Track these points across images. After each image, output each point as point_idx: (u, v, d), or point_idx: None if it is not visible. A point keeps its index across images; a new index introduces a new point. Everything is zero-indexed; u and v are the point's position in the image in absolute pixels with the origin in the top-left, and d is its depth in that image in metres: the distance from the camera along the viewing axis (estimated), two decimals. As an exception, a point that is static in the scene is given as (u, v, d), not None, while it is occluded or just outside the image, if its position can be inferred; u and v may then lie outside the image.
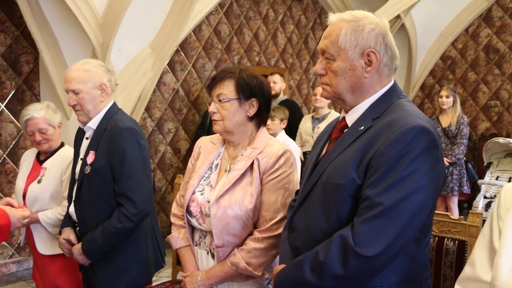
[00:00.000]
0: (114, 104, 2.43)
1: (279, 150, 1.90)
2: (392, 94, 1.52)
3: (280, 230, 1.84)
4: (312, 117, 5.21)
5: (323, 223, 1.46)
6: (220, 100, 1.90)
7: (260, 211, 1.87)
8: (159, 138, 5.96)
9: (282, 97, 5.52)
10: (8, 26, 4.80)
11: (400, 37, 7.56)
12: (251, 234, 1.88)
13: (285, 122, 4.33)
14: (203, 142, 2.12)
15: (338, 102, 1.58)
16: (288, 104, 5.20)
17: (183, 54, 6.11)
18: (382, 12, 6.88)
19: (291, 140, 4.31)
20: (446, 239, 1.90)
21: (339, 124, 1.61)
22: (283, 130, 4.35)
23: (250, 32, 6.94)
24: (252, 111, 1.93)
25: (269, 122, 4.26)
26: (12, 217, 1.58)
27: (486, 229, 1.35)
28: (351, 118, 1.55)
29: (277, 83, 5.43)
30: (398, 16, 7.15)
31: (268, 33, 7.19)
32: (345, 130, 1.56)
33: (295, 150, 4.21)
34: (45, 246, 2.70)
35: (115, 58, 4.48)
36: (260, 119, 1.99)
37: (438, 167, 1.38)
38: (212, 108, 1.92)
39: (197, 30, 6.19)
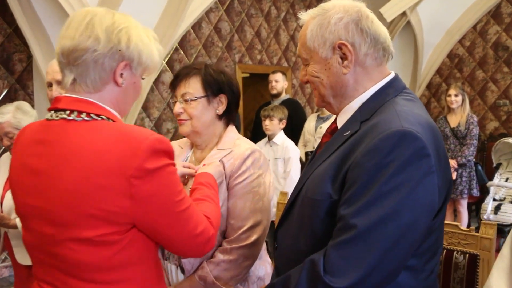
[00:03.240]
0: None
1: (246, 150, 1.73)
2: (388, 91, 1.31)
3: (251, 239, 1.68)
4: (318, 116, 5.07)
5: (301, 243, 1.29)
6: (186, 100, 1.74)
7: (227, 219, 1.70)
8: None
9: (284, 96, 5.35)
10: (-1, 24, 4.66)
11: (406, 35, 7.39)
12: (221, 245, 1.72)
13: (284, 122, 4.16)
14: None
15: (327, 107, 1.40)
16: (289, 103, 5.04)
17: (182, 52, 5.95)
18: (387, 9, 6.72)
19: (290, 141, 4.14)
20: (455, 252, 1.73)
21: (330, 127, 1.43)
22: (282, 131, 4.18)
23: (252, 29, 6.78)
24: (222, 109, 1.78)
25: (267, 122, 4.10)
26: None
27: (505, 251, 1.16)
28: (341, 120, 1.36)
29: (279, 82, 5.26)
30: (404, 13, 6.97)
31: (270, 30, 7.02)
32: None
33: (295, 151, 4.04)
34: (25, 256, 2.52)
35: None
36: (229, 117, 1.83)
37: (430, 180, 1.14)
38: (177, 108, 1.75)
39: (196, 27, 6.03)
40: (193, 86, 1.73)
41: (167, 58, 5.75)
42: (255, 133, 5.19)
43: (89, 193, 1.10)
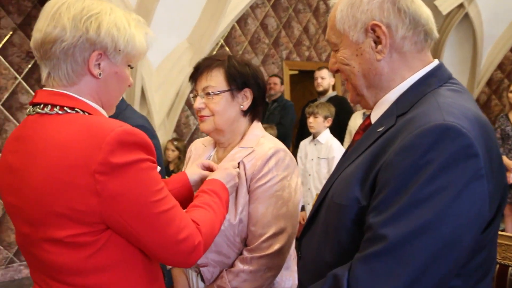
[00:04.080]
0: (123, 100, 2.20)
1: (269, 150, 1.57)
2: (430, 81, 1.12)
3: (273, 249, 1.53)
4: (363, 113, 4.83)
5: (326, 254, 1.13)
6: (208, 94, 1.60)
7: (248, 226, 1.56)
8: (203, 136, 5.76)
9: (331, 93, 5.17)
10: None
11: (463, 28, 6.99)
12: (241, 253, 1.58)
13: (330, 120, 3.96)
14: (195, 146, 1.85)
15: (361, 101, 1.23)
16: (336, 100, 4.85)
17: (227, 49, 5.88)
18: (443, 1, 6.36)
19: (335, 140, 3.95)
20: (510, 268, 1.51)
21: (364, 122, 1.26)
22: (328, 129, 3.99)
23: (299, 25, 6.61)
24: (246, 104, 1.63)
25: (311, 119, 3.93)
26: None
27: None
28: (376, 114, 1.19)
29: (325, 79, 5.07)
30: (461, 5, 6.59)
31: (319, 26, 6.83)
32: None
33: (339, 151, 3.84)
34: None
35: (151, 54, 4.30)
36: (254, 113, 1.68)
37: (478, 185, 0.96)
38: (198, 103, 1.62)
39: (242, 23, 5.94)
40: (216, 79, 1.60)
41: (208, 55, 5.70)
42: (301, 131, 5.05)
43: (56, 191, 1.03)
